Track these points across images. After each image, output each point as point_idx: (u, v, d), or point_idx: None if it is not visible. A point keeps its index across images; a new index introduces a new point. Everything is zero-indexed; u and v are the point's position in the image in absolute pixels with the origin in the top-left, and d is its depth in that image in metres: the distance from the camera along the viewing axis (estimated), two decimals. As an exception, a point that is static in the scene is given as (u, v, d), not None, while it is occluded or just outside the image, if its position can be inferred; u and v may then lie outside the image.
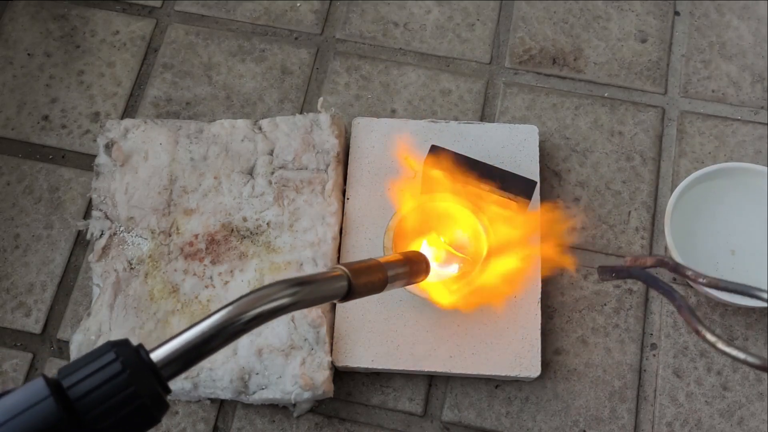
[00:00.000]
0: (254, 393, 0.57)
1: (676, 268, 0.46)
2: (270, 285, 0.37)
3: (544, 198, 0.65)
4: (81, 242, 0.66)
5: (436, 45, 0.73)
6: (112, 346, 0.31)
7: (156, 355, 0.32)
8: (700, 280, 0.45)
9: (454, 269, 0.59)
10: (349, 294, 0.41)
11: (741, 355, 0.38)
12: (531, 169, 0.64)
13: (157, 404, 0.31)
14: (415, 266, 0.48)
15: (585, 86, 0.71)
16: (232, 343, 0.34)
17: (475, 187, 0.58)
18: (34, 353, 0.63)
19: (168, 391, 0.32)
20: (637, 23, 0.73)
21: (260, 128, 0.65)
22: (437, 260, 0.58)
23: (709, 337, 0.39)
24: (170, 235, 0.62)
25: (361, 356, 0.59)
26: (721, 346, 0.39)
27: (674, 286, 0.46)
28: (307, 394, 0.56)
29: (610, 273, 0.49)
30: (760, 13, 0.73)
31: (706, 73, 0.71)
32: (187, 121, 0.66)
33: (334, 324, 0.60)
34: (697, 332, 0.40)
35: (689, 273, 0.46)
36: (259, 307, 0.35)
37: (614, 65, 0.71)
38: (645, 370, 0.61)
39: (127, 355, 0.31)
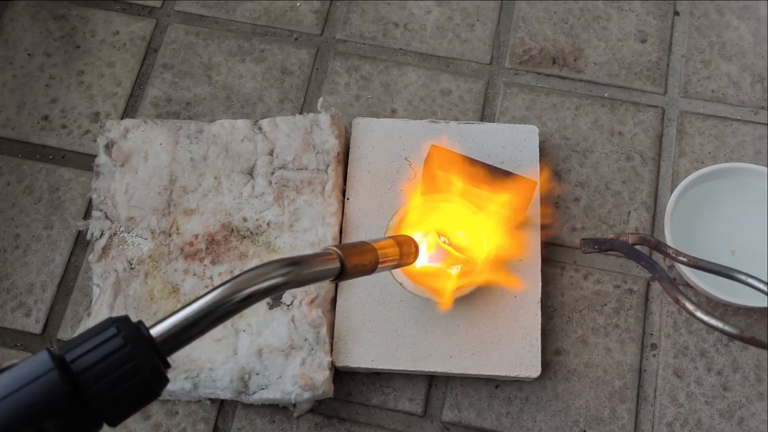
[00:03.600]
0: (254, 393, 0.57)
1: (657, 246, 0.48)
2: (264, 264, 0.37)
3: (544, 198, 0.65)
4: (81, 242, 0.66)
5: (436, 45, 0.73)
6: (113, 321, 0.32)
7: (155, 331, 0.33)
8: (681, 258, 0.47)
9: (454, 269, 0.59)
10: (342, 274, 0.42)
11: (719, 324, 0.40)
12: (531, 169, 0.64)
13: (157, 378, 0.32)
14: (405, 249, 0.49)
15: (585, 86, 0.71)
16: (227, 320, 0.35)
17: (475, 187, 0.58)
18: (34, 353, 0.63)
19: (167, 365, 0.33)
20: (637, 23, 0.73)
21: (260, 128, 0.65)
22: (426, 251, 0.58)
23: (689, 305, 0.42)
24: (170, 235, 0.62)
25: (361, 356, 0.59)
26: (699, 314, 0.41)
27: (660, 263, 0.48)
28: (307, 394, 0.56)
29: (592, 245, 0.50)
30: (760, 13, 0.73)
31: (706, 73, 0.71)
32: (187, 121, 0.66)
33: (334, 324, 0.60)
34: (677, 301, 0.42)
35: (670, 251, 0.47)
36: (253, 286, 0.36)
37: (614, 65, 0.71)
38: (645, 370, 0.61)
39: (128, 330, 0.31)
